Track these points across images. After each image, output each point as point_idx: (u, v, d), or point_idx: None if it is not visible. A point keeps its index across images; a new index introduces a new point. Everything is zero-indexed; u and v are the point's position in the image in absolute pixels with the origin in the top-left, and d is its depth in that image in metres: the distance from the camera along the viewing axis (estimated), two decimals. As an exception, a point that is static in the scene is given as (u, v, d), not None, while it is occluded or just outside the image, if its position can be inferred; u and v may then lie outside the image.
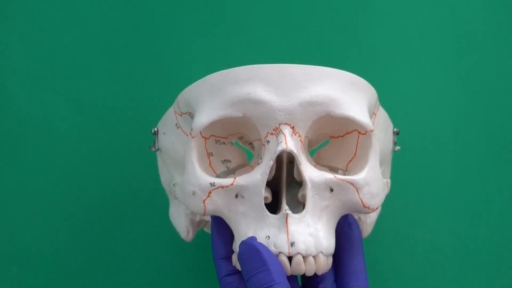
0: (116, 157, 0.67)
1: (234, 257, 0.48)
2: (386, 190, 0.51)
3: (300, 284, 0.50)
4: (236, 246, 0.47)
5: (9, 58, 0.68)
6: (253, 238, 0.45)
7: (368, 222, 0.58)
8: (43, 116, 0.67)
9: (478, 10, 0.70)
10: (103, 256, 0.66)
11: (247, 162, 0.52)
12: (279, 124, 0.46)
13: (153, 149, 0.56)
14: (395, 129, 0.56)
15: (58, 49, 0.68)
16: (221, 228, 0.49)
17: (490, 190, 0.68)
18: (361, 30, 0.69)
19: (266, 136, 0.47)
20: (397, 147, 0.57)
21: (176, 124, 0.52)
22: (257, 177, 0.47)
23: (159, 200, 0.64)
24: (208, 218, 0.54)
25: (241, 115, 0.47)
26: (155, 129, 0.55)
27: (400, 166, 0.64)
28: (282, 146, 0.46)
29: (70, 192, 0.66)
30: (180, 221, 0.56)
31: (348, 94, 0.47)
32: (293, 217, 0.46)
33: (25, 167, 0.67)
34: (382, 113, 0.54)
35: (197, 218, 0.55)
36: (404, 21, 0.70)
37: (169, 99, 0.55)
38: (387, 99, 0.58)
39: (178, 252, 0.66)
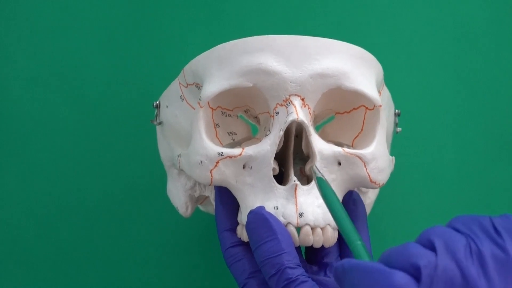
0: (116, 140, 0.66)
1: (239, 229, 0.47)
2: (391, 167, 0.51)
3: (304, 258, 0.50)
4: (242, 218, 0.47)
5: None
6: (262, 207, 0.45)
7: (367, 203, 0.57)
8: (40, 110, 0.65)
9: None
10: (104, 237, 0.65)
11: (252, 135, 0.52)
12: (289, 95, 0.46)
13: (155, 122, 0.55)
14: (396, 110, 0.57)
15: (53, 33, 0.66)
16: (225, 200, 0.49)
17: (491, 183, 0.68)
18: (363, 18, 0.69)
19: (275, 107, 0.47)
20: (399, 129, 0.57)
21: (181, 96, 0.51)
22: (266, 147, 0.46)
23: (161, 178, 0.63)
24: (207, 194, 0.54)
25: (251, 85, 0.46)
26: (157, 102, 0.55)
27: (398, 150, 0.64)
28: (293, 116, 0.45)
29: (70, 182, 0.65)
30: (179, 197, 0.55)
31: (358, 68, 0.47)
32: (302, 189, 0.45)
33: (23, 158, 0.65)
34: (386, 93, 0.54)
35: (196, 194, 0.55)
36: (406, 8, 0.69)
37: (171, 76, 0.55)
38: (389, 80, 0.58)
39: (179, 228, 0.65)
